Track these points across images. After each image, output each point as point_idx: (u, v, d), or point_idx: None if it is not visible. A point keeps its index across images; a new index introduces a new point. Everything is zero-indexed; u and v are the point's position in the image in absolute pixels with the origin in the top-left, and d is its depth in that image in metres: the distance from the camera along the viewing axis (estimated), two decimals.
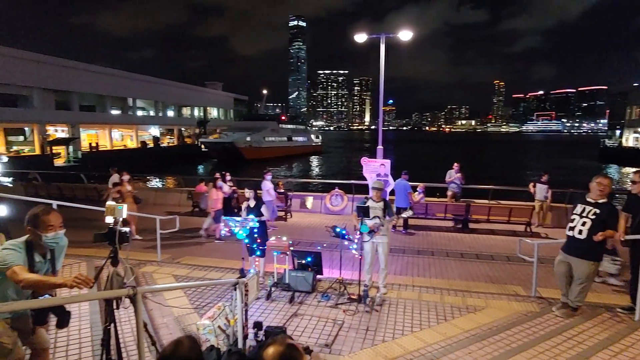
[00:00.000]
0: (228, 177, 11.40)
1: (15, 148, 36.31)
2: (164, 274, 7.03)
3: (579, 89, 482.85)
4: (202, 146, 56.25)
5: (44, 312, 2.73)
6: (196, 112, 66.22)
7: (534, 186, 11.55)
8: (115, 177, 12.40)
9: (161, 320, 5.19)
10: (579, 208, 5.10)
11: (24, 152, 36.06)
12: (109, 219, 2.77)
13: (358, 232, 5.95)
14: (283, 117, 71.18)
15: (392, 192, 11.15)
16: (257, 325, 4.49)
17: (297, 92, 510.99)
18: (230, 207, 10.97)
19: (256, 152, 52.25)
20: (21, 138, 38.09)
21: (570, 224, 5.12)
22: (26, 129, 37.83)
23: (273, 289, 6.16)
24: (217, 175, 10.95)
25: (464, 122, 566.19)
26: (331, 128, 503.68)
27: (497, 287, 6.76)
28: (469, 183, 13.13)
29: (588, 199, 5.05)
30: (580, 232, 4.96)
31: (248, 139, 52.28)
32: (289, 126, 68.39)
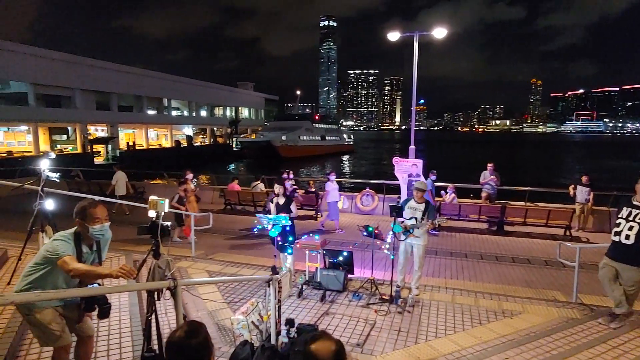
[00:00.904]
0: (291, 176, 10.90)
1: (58, 147, 38.18)
2: (198, 269, 7.20)
3: (623, 87, 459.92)
4: (234, 145, 57.64)
5: (93, 300, 2.86)
6: (228, 112, 67.51)
7: (574, 188, 11.08)
8: (119, 174, 12.96)
9: (195, 314, 5.32)
10: (624, 211, 4.84)
11: (67, 151, 37.84)
12: (152, 213, 2.86)
13: (391, 232, 5.90)
14: (317, 117, 72.31)
15: None
16: (289, 322, 4.52)
17: (327, 92, 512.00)
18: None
19: (291, 150, 53.55)
20: (64, 137, 40.04)
21: (616, 229, 4.87)
22: (69, 128, 39.72)
23: (304, 287, 6.20)
24: (285, 174, 10.50)
25: (498, 122, 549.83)
26: (361, 128, 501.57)
27: (534, 291, 6.54)
28: (505, 184, 12.74)
29: (634, 202, 4.79)
30: (627, 237, 4.71)
31: (284, 137, 53.55)
32: (322, 126, 69.51)
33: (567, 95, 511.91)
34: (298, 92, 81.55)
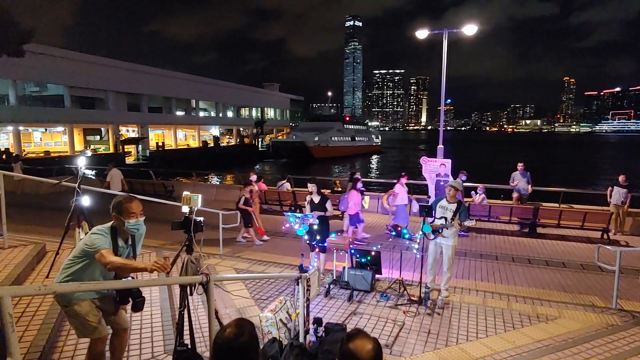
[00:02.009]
0: (358, 176, 10.37)
1: (92, 147, 39.57)
2: (225, 267, 7.28)
3: None
4: (260, 145, 58.55)
5: (127, 293, 2.92)
6: (254, 113, 68.30)
7: (612, 189, 10.58)
8: (114, 172, 13.26)
9: (224, 310, 5.36)
10: None
11: (100, 151, 39.14)
12: (185, 209, 2.90)
13: (420, 231, 5.80)
14: (347, 118, 73.73)
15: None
16: (317, 321, 4.50)
17: (352, 92, 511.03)
18: None
19: (323, 151, 54.85)
20: (97, 137, 41.48)
21: None
22: (102, 129, 41.11)
23: (332, 286, 6.17)
24: (358, 175, 9.98)
25: (528, 122, 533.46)
26: (386, 128, 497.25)
27: (570, 296, 6.30)
28: (536, 186, 12.30)
29: None
30: None
31: (316, 138, 54.74)
32: (352, 127, 70.74)
33: (602, 93, 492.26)
34: (329, 94, 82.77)
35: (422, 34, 13.64)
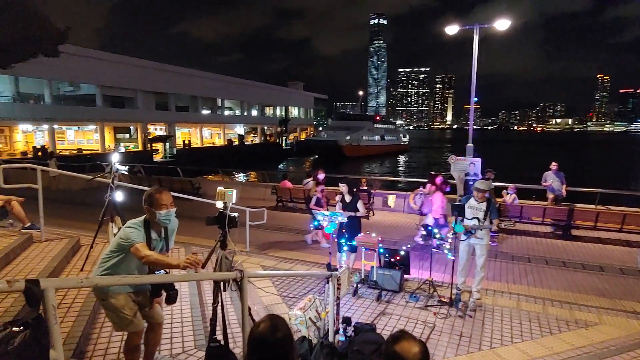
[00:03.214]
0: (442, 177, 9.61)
1: (122, 144, 40.69)
2: (252, 264, 7.30)
3: None
4: (283, 144, 59.03)
5: (160, 285, 2.94)
6: (278, 112, 68.72)
7: None
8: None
9: (252, 307, 5.36)
10: None
11: (130, 149, 40.19)
12: (219, 204, 2.89)
13: (452, 232, 5.65)
14: (377, 117, 74.13)
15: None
16: (346, 320, 4.45)
17: (376, 91, 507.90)
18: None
19: (355, 149, 55.56)
20: (127, 136, 42.61)
21: None
22: (131, 127, 42.20)
23: (360, 285, 6.10)
24: (440, 176, 9.29)
25: (559, 120, 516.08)
26: (411, 127, 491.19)
27: (609, 301, 6.02)
28: (570, 186, 11.81)
29: None
30: None
31: (348, 138, 55.31)
32: (382, 126, 71.01)
33: (639, 91, 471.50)
34: (360, 93, 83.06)
35: (452, 29, 13.34)
